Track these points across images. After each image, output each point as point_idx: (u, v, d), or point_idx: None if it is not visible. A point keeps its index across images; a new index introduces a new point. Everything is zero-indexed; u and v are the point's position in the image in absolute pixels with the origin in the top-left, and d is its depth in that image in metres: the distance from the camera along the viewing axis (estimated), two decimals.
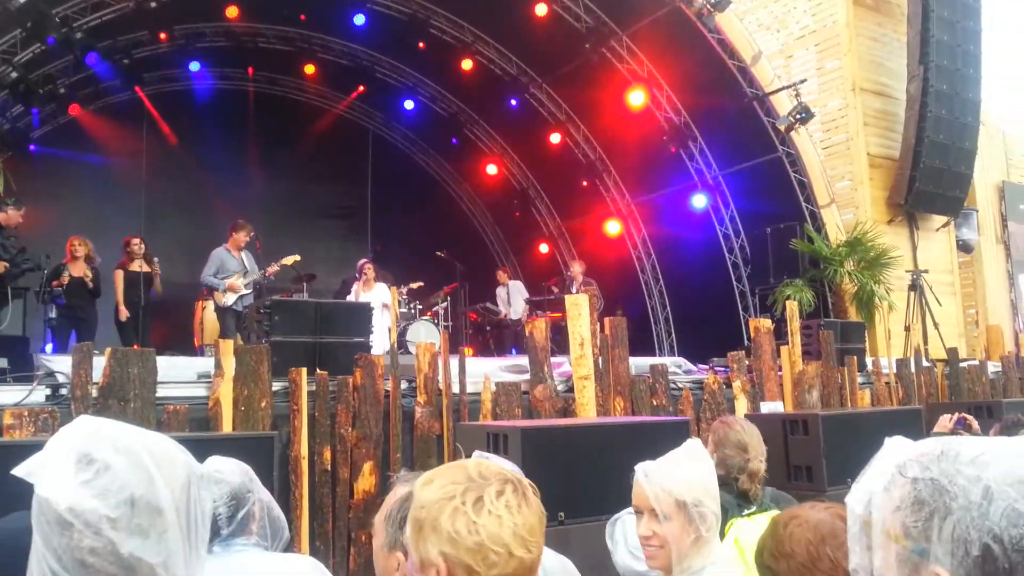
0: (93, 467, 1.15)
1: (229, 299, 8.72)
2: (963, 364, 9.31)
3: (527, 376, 6.32)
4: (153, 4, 10.87)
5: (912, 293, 10.61)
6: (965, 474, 0.91)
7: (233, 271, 8.80)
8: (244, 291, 8.75)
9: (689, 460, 2.21)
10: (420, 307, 10.61)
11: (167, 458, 1.22)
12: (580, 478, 3.70)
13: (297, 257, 9.11)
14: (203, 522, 1.23)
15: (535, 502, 1.30)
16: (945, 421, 5.09)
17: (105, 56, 11.35)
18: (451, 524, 1.24)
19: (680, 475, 2.15)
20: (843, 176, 11.81)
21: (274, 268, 8.93)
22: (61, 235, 8.99)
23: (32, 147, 12.12)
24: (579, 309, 6.36)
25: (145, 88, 12.98)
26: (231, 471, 2.36)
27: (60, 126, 12.56)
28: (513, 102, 14.23)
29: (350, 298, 9.97)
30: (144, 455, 1.18)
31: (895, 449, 1.04)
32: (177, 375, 5.51)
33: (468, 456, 2.46)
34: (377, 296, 9.45)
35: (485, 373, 6.15)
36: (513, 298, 12.39)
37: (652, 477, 2.16)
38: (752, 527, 2.73)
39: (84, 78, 12.01)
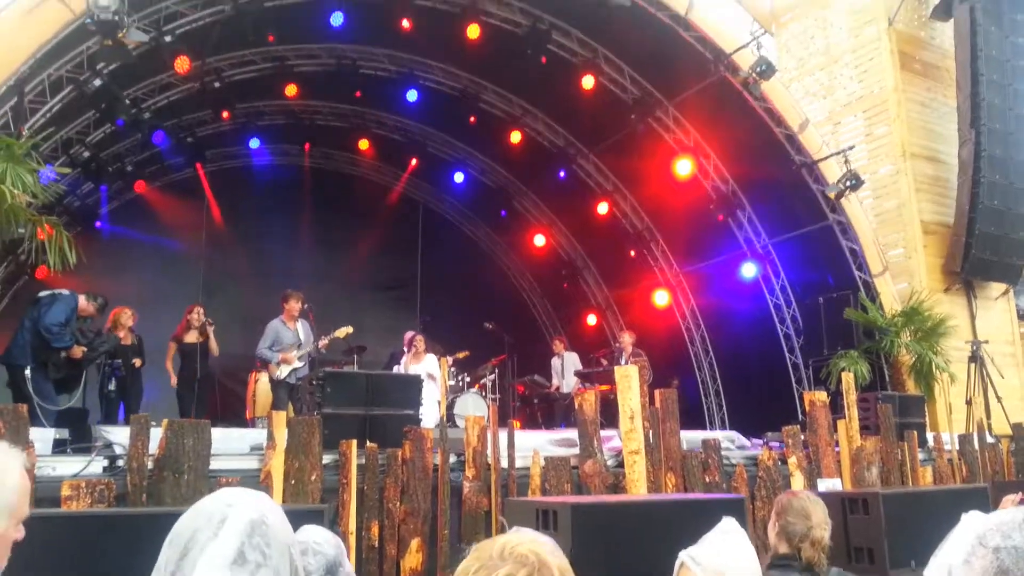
0: (248, 568, 1.22)
1: (283, 372, 8.86)
2: None
3: (576, 450, 6.26)
4: (217, 84, 11.42)
5: (972, 365, 10.28)
6: None
7: (288, 343, 8.94)
8: (297, 364, 8.88)
9: (733, 542, 2.15)
10: (468, 379, 10.61)
11: (288, 531, 1.33)
12: (631, 556, 3.63)
13: (350, 329, 9.24)
14: None
15: None
16: (1008, 502, 4.86)
17: (170, 134, 11.89)
18: None
19: (730, 559, 2.08)
20: (896, 244, 11.63)
21: (325, 341, 9.06)
22: (128, 306, 9.24)
23: (99, 223, 12.63)
24: (629, 381, 6.30)
25: (207, 165, 13.51)
26: (328, 543, 2.40)
27: (126, 203, 13.09)
28: (561, 173, 14.42)
29: (399, 370, 10.03)
30: (288, 541, 1.31)
31: (972, 522, 1.02)
32: (230, 447, 5.59)
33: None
34: (426, 368, 9.50)
35: (534, 447, 6.11)
36: (567, 369, 12.33)
37: (703, 563, 2.10)
38: None
39: (150, 156, 12.56)
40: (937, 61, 12.32)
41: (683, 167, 12.46)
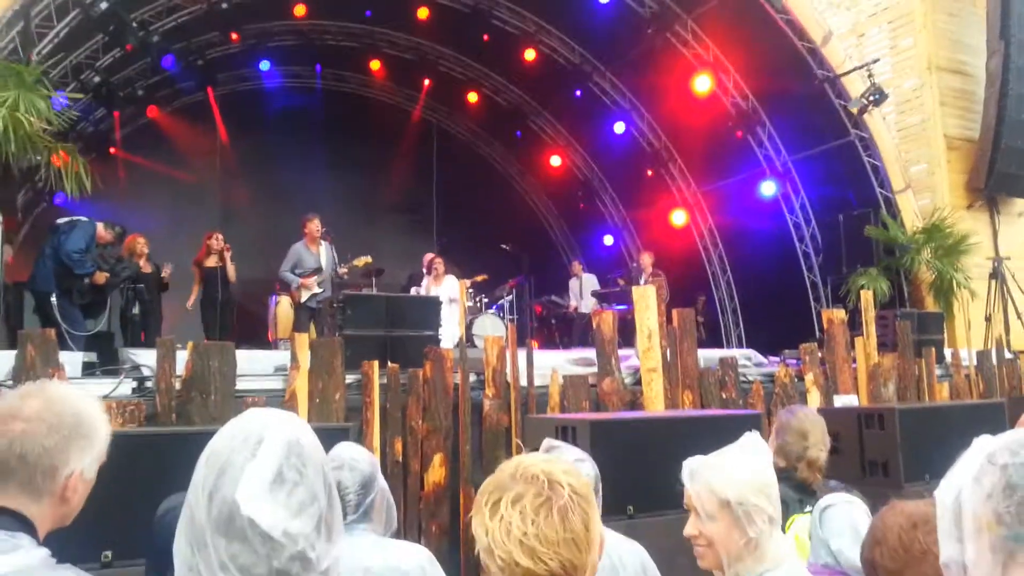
0: (286, 487, 1.25)
1: (304, 296, 8.91)
2: None
3: (594, 369, 6.33)
4: (224, 5, 11.18)
5: (993, 281, 10.21)
6: None
7: (310, 266, 8.94)
8: (317, 289, 8.90)
9: (740, 456, 2.07)
10: (486, 300, 10.69)
11: (320, 449, 1.35)
12: (649, 472, 3.71)
13: (369, 259, 9.33)
14: (343, 504, 1.40)
15: (568, 512, 1.25)
16: None
17: (180, 58, 11.72)
18: (475, 523, 1.28)
19: (726, 472, 2.03)
20: (919, 160, 11.41)
21: (344, 269, 9.12)
22: (141, 234, 9.31)
23: (113, 149, 12.61)
24: (647, 300, 6.33)
25: (218, 88, 13.36)
26: (363, 459, 2.46)
27: (139, 128, 13.03)
28: (576, 92, 14.16)
29: (418, 292, 10.10)
30: (321, 459, 1.33)
31: (983, 443, 1.04)
32: (255, 368, 5.69)
33: (534, 449, 2.47)
34: (446, 290, 9.57)
35: (552, 366, 6.19)
36: (585, 290, 12.37)
37: (696, 474, 2.08)
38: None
39: (161, 80, 12.42)
40: None
41: (702, 83, 12.19)
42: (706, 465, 2.07)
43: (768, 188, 12.44)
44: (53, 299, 7.07)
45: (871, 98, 10.66)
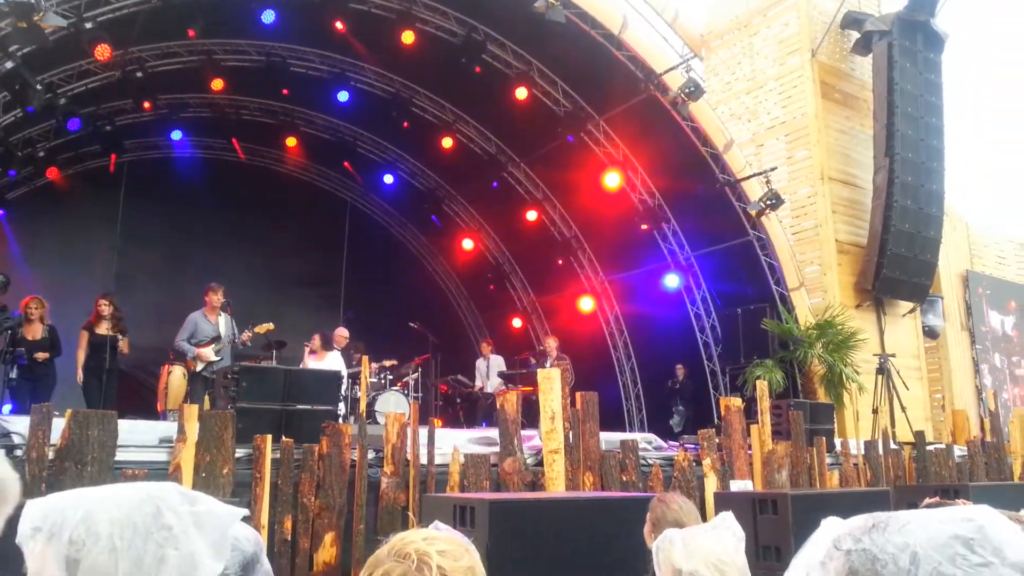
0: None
1: (199, 366, 8.66)
2: (930, 447, 9.35)
3: (496, 449, 6.26)
4: (139, 74, 11.06)
5: (880, 376, 10.72)
6: (894, 542, 0.95)
7: (208, 336, 8.73)
8: (215, 358, 8.67)
9: (707, 532, 2.12)
10: (391, 377, 10.53)
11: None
12: (549, 552, 3.64)
13: (271, 325, 9.08)
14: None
15: None
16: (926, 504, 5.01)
17: (87, 122, 11.45)
18: None
19: (687, 546, 2.07)
20: (812, 261, 12.06)
21: (247, 335, 8.88)
22: (28, 295, 8.84)
23: (5, 208, 12.07)
24: (551, 383, 6.35)
25: (125, 155, 13.05)
26: (247, 539, 2.32)
27: (36, 188, 12.55)
28: (491, 180, 14.47)
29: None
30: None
31: (830, 526, 1.07)
32: (139, 439, 5.40)
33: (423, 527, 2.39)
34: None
35: (454, 445, 6.09)
36: (492, 371, 12.37)
37: (660, 548, 2.11)
38: None
39: (64, 143, 12.07)
40: (856, 92, 12.86)
41: (612, 180, 12.68)
42: (671, 538, 2.11)
43: (672, 280, 12.87)
44: None
45: (768, 202, 11.29)
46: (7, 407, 7.67)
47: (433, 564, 1.21)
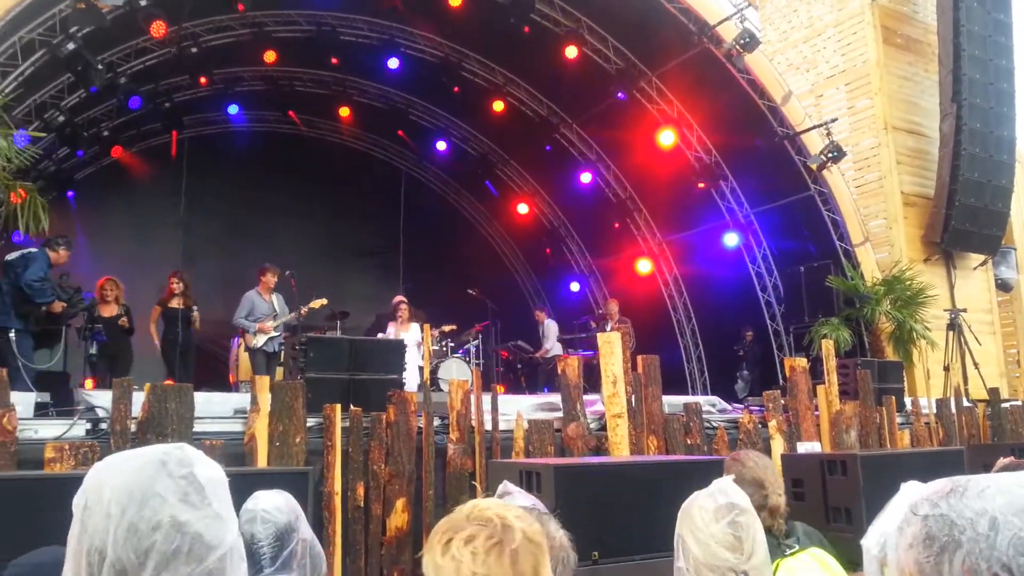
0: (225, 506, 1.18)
1: (259, 340, 9.05)
2: (1005, 404, 9.10)
3: (559, 414, 6.30)
4: (194, 50, 11.23)
5: (951, 332, 10.44)
6: (972, 507, 0.93)
7: (263, 313, 9.13)
8: (273, 333, 9.07)
9: (697, 497, 2.13)
10: (452, 345, 10.65)
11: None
12: (613, 517, 3.66)
13: (324, 301, 9.40)
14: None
15: (519, 556, 1.26)
16: (999, 465, 4.85)
17: (147, 100, 11.69)
18: (426, 560, 1.28)
19: (684, 509, 2.09)
20: (877, 215, 11.72)
21: (304, 310, 9.23)
22: (100, 274, 9.17)
23: (75, 188, 12.46)
24: (611, 347, 6.34)
25: (185, 131, 13.32)
26: (279, 509, 2.39)
27: (102, 168, 12.92)
28: (544, 143, 14.36)
29: (387, 336, 10.07)
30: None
31: (909, 491, 1.05)
32: (214, 410, 5.58)
33: (493, 492, 2.45)
34: (412, 336, 9.56)
35: (518, 410, 6.14)
36: (549, 337, 12.43)
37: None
38: (800, 565, 2.68)
39: (126, 121, 12.36)
40: (919, 35, 12.35)
41: (666, 138, 12.46)
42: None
43: (731, 239, 12.66)
44: (11, 335, 6.95)
45: (830, 155, 10.97)
46: (88, 382, 7.99)
47: (517, 527, 1.27)
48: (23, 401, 5.10)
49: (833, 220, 11.43)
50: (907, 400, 8.68)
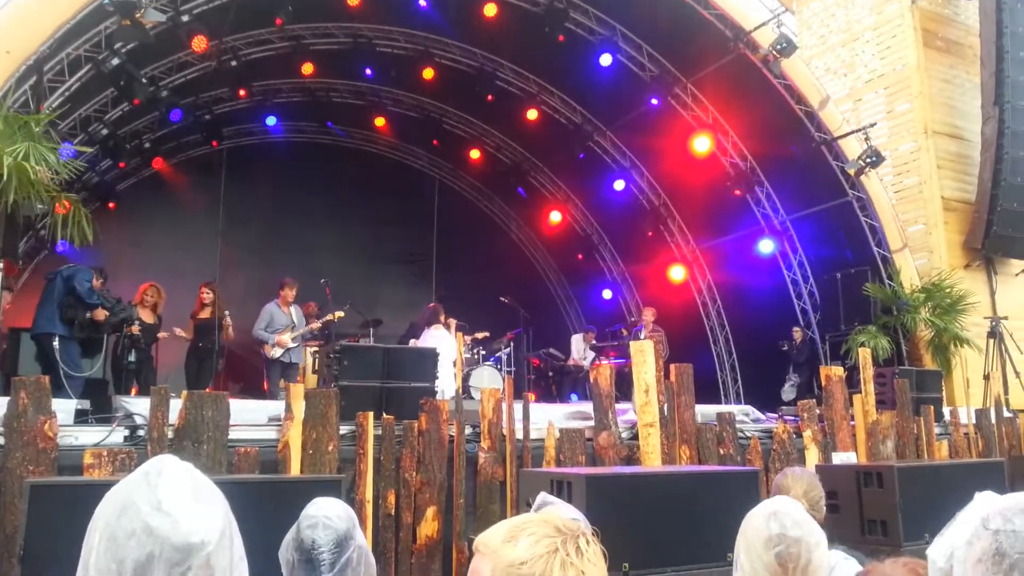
0: (204, 509, 1.20)
1: (276, 352, 9.32)
2: None
3: (591, 423, 6.29)
4: (234, 63, 11.44)
5: (991, 340, 10.21)
6: None
7: (282, 325, 9.42)
8: (291, 345, 9.36)
9: (758, 513, 2.23)
10: (483, 352, 10.68)
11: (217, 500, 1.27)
12: (645, 528, 3.64)
13: (341, 313, 9.69)
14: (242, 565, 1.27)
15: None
16: None
17: (187, 112, 11.94)
18: (564, 574, 1.22)
19: (744, 523, 2.19)
20: (916, 220, 11.52)
21: (318, 324, 9.63)
22: (140, 284, 9.37)
23: (118, 199, 12.75)
24: (644, 356, 6.32)
25: (224, 142, 13.58)
26: (339, 516, 2.45)
27: (144, 179, 13.22)
28: (577, 150, 14.35)
29: (430, 339, 10.17)
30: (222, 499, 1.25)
31: (981, 503, 1.03)
32: (249, 418, 5.66)
33: (527, 503, 2.48)
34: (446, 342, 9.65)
35: (549, 419, 6.15)
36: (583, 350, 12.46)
37: None
38: None
39: (167, 133, 12.64)
40: (960, 38, 12.13)
41: (701, 144, 12.36)
42: None
43: (766, 246, 12.51)
44: (55, 342, 7.16)
45: (868, 160, 10.80)
46: (133, 390, 8.17)
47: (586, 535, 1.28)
48: (63, 408, 5.23)
49: (871, 226, 11.25)
50: (946, 410, 8.51)
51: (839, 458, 6.62)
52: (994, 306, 11.25)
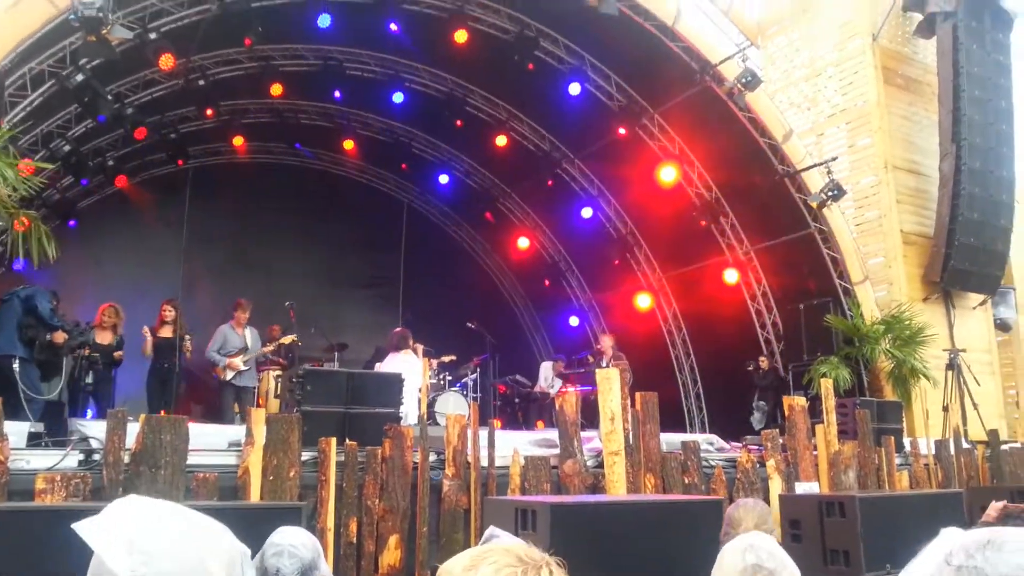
0: (151, 541, 1.17)
1: (228, 375, 9.27)
2: (1005, 446, 9.06)
3: (556, 451, 6.26)
4: (201, 82, 11.36)
5: (950, 372, 10.40)
6: (1008, 563, 0.91)
7: (236, 347, 9.40)
8: (243, 368, 9.33)
9: (733, 546, 2.27)
10: (450, 378, 10.62)
11: (216, 536, 1.24)
12: (610, 557, 3.62)
13: (294, 337, 9.79)
14: None
15: None
16: (994, 509, 4.78)
17: (153, 130, 11.80)
18: None
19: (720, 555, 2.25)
20: (876, 253, 11.75)
21: (270, 347, 9.70)
22: (100, 303, 9.18)
23: (79, 217, 12.52)
24: (610, 383, 6.32)
25: (190, 161, 13.43)
26: (304, 545, 2.41)
27: (106, 197, 13.01)
28: (546, 177, 14.45)
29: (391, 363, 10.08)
30: (198, 533, 1.22)
31: (946, 538, 1.03)
32: (208, 442, 5.54)
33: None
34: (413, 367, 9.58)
35: (514, 447, 6.10)
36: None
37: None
38: None
39: (132, 151, 12.47)
40: (920, 76, 12.48)
41: (667, 174, 12.53)
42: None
43: (731, 276, 12.67)
44: (15, 364, 6.97)
45: (830, 193, 11.02)
46: (89, 412, 7.97)
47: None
48: (16, 431, 5.07)
49: (833, 258, 11.45)
50: (906, 441, 8.63)
51: (802, 488, 6.66)
52: (952, 339, 11.48)
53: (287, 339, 9.64)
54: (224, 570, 1.20)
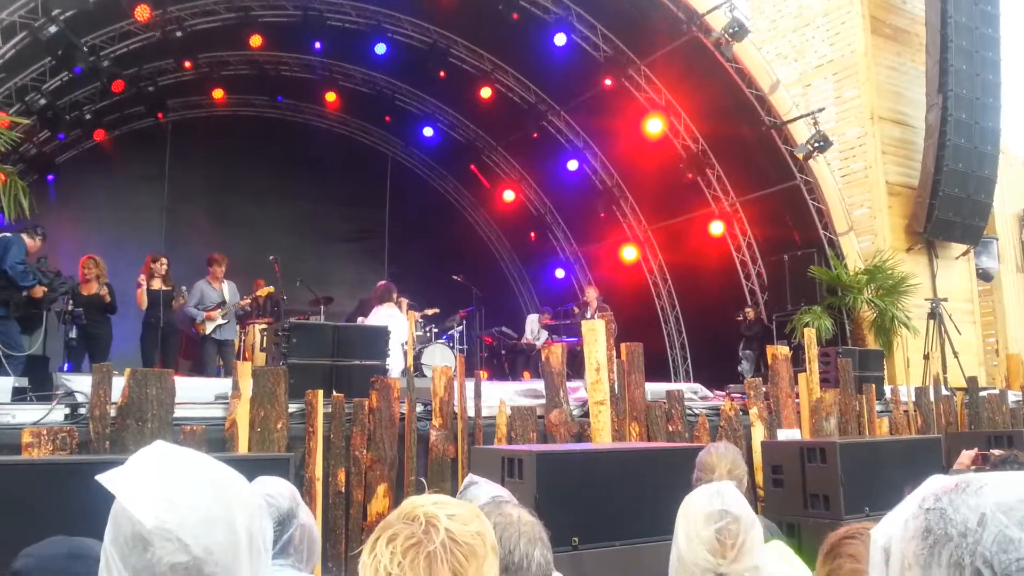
0: (175, 489, 1.17)
1: (208, 328, 9.26)
2: (983, 393, 9.20)
3: (542, 401, 6.32)
4: (179, 34, 11.12)
5: (931, 321, 10.52)
6: (968, 504, 0.95)
7: (213, 301, 9.38)
8: (221, 321, 9.32)
9: (698, 493, 2.31)
10: (436, 330, 10.64)
11: (238, 486, 1.25)
12: (595, 503, 3.69)
13: (271, 289, 9.77)
14: (265, 549, 1.25)
15: (435, 560, 1.20)
16: (966, 457, 4.90)
17: (131, 83, 11.57)
18: (362, 556, 1.25)
19: (684, 503, 2.27)
20: (861, 204, 11.78)
21: (247, 300, 9.68)
22: (80, 257, 9.09)
23: (53, 174, 12.32)
24: (596, 334, 6.36)
25: (169, 114, 13.20)
26: (281, 495, 2.42)
27: (85, 151, 12.80)
28: (531, 129, 14.32)
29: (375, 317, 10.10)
30: (222, 482, 1.22)
31: (927, 485, 1.07)
32: (195, 395, 5.55)
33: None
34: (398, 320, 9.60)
35: (501, 397, 6.16)
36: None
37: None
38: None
39: (109, 104, 12.23)
40: (907, 26, 12.38)
41: (654, 126, 12.45)
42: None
43: (716, 227, 12.68)
44: None
45: (816, 144, 10.99)
46: (66, 366, 7.93)
47: (441, 527, 1.22)
48: (0, 386, 5.07)
49: (818, 209, 11.47)
50: (887, 388, 8.76)
51: (784, 435, 6.77)
52: (934, 288, 11.59)
53: (263, 291, 9.62)
54: (247, 520, 1.21)
